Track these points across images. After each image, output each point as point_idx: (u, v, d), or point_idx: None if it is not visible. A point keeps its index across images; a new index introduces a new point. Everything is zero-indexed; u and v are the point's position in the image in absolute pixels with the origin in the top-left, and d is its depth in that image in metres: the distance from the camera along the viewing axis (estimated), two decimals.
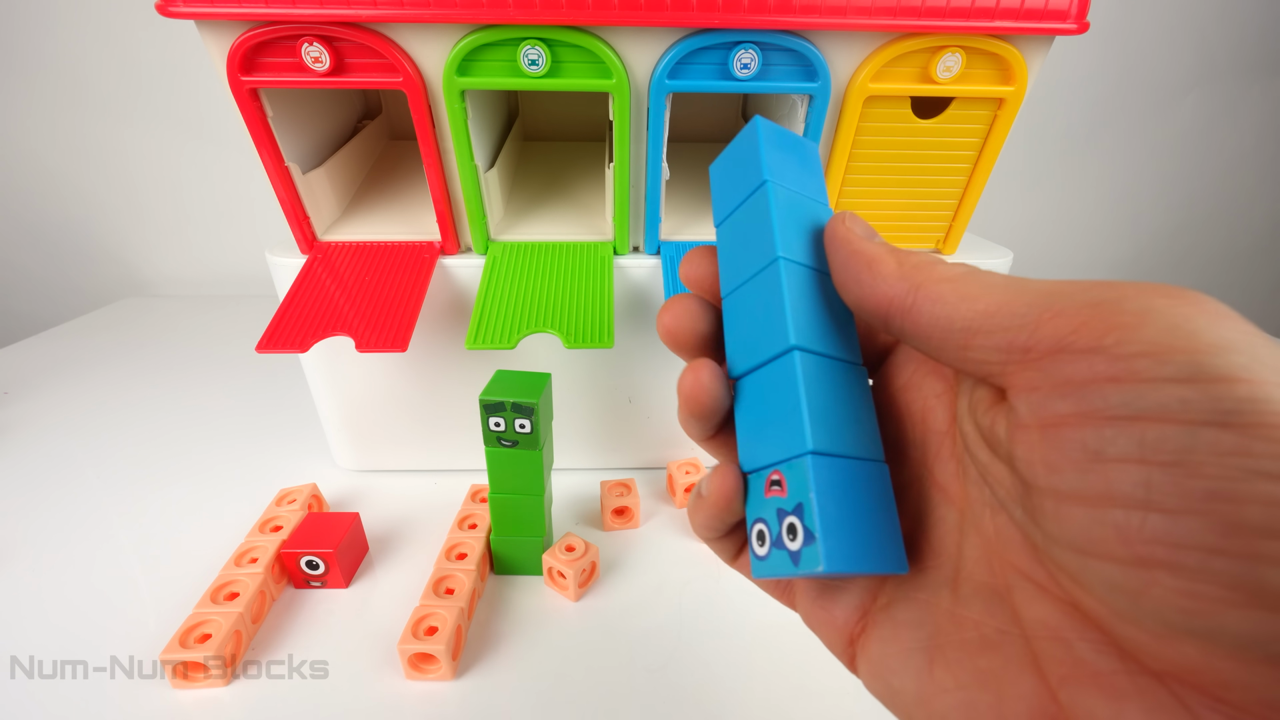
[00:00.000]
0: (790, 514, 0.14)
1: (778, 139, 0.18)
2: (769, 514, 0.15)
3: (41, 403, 0.49)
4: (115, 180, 0.68)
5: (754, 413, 0.16)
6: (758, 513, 0.16)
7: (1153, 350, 0.11)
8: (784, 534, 0.15)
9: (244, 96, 0.29)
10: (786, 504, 0.15)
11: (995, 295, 0.13)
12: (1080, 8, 0.28)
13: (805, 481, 0.14)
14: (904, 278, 0.15)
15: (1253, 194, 0.76)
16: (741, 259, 0.17)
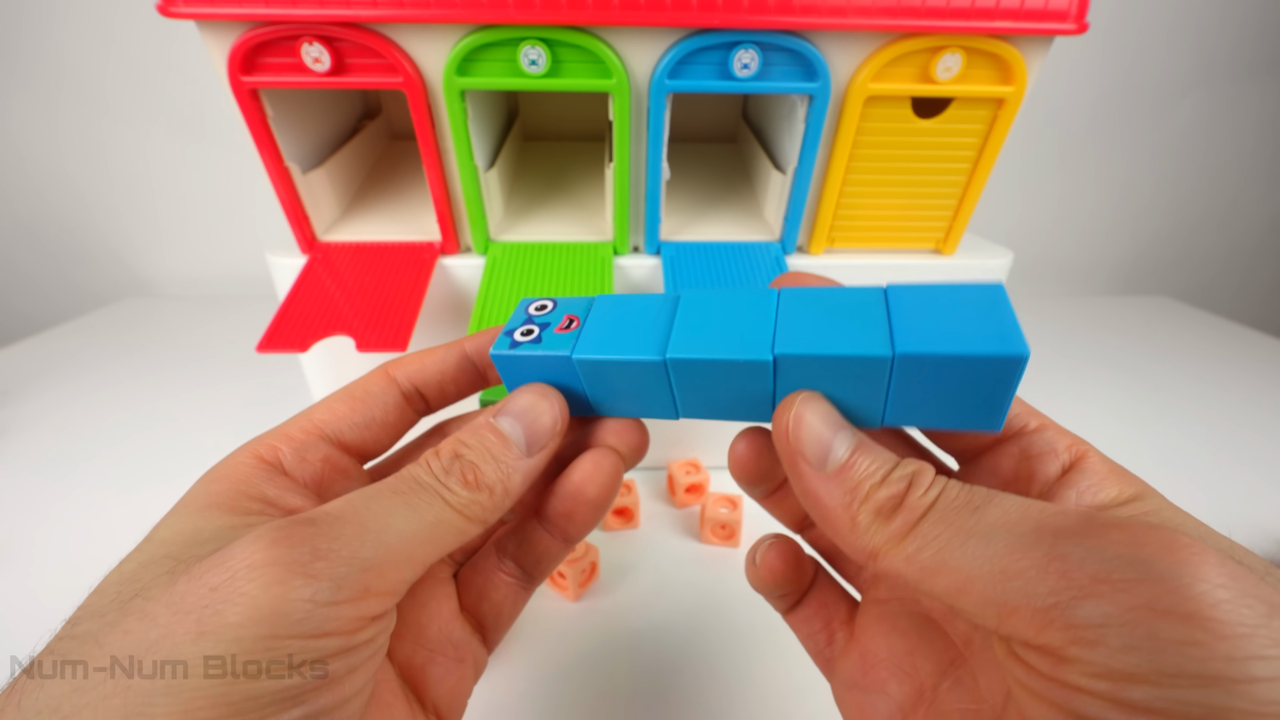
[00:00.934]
0: None
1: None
2: None
3: (41, 403, 0.49)
4: (115, 180, 0.69)
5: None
6: None
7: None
8: None
9: (244, 96, 0.29)
10: None
11: (969, 568, 0.12)
12: (1080, 8, 0.28)
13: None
14: (860, 544, 0.13)
15: (1253, 194, 0.76)
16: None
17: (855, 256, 0.36)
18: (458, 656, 0.18)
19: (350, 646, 0.13)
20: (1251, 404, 0.52)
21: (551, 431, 0.17)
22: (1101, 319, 0.69)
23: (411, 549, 0.14)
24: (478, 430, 0.16)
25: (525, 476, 0.16)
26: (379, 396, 0.18)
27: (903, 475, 0.13)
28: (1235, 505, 0.40)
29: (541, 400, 0.17)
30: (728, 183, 0.44)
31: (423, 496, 0.15)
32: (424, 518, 0.14)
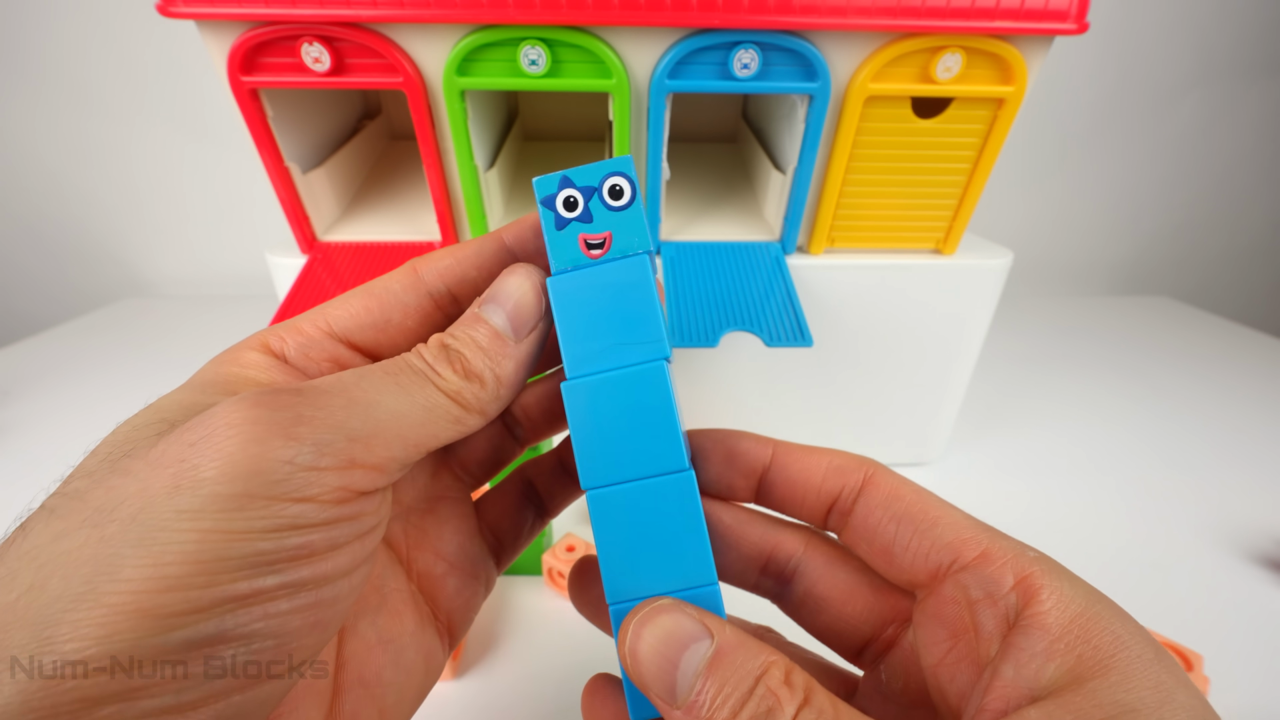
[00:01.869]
0: None
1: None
2: None
3: (41, 403, 0.49)
4: (115, 180, 0.68)
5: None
6: None
7: None
8: None
9: (244, 96, 0.29)
10: None
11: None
12: (1080, 8, 0.28)
13: None
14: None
15: (1253, 194, 0.76)
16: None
17: (855, 256, 0.36)
18: (473, 573, 0.18)
19: (332, 519, 0.12)
20: (1251, 404, 0.52)
21: (537, 313, 0.16)
22: (1101, 319, 0.69)
23: (403, 428, 0.13)
24: (464, 321, 0.16)
25: (517, 363, 0.16)
26: (399, 295, 0.17)
27: (758, 709, 0.12)
28: (1235, 505, 0.40)
29: (525, 281, 0.16)
30: (728, 183, 0.44)
31: (415, 379, 0.14)
32: (416, 400, 0.14)
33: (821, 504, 0.17)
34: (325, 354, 0.16)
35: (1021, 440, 0.47)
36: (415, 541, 0.18)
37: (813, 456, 0.17)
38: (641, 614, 0.14)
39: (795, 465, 0.17)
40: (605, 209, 0.16)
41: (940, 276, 0.36)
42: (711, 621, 0.13)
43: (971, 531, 0.14)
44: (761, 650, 0.13)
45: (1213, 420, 0.50)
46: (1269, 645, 0.31)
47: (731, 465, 0.17)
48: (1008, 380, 0.54)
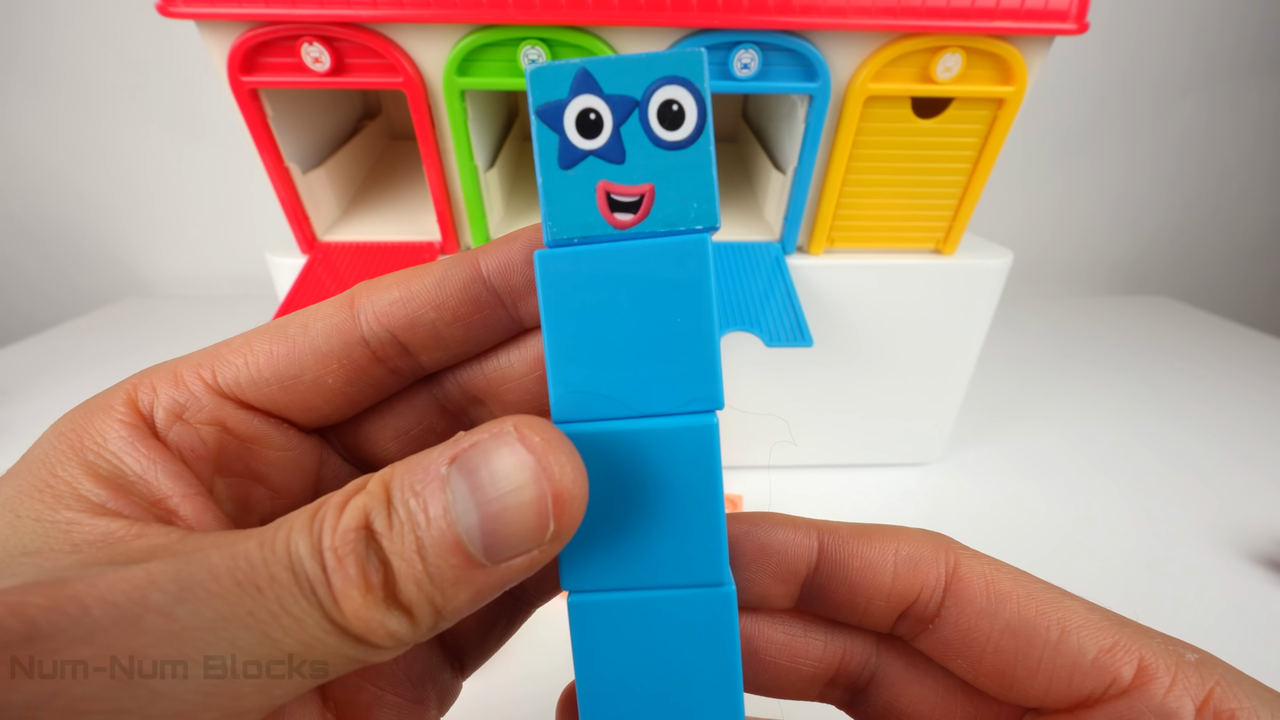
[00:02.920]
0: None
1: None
2: None
3: (41, 403, 0.49)
4: (115, 180, 0.68)
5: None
6: None
7: None
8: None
9: (244, 96, 0.29)
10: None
11: None
12: (1080, 8, 0.28)
13: None
14: None
15: (1253, 194, 0.76)
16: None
17: (855, 256, 0.36)
18: (416, 696, 0.13)
19: None
20: (1251, 404, 0.52)
21: (533, 538, 0.09)
22: (1101, 319, 0.69)
23: (236, 703, 0.08)
24: (416, 483, 0.09)
25: (478, 593, 0.09)
26: (317, 342, 0.11)
27: None
28: (1235, 505, 0.40)
29: (528, 473, 0.09)
30: (728, 183, 0.44)
31: (289, 605, 0.08)
32: (281, 645, 0.08)
33: (891, 610, 0.12)
34: (207, 416, 0.11)
35: (1022, 440, 0.47)
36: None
37: (874, 546, 0.12)
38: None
39: (853, 562, 0.12)
40: (649, 142, 0.09)
41: (940, 276, 0.36)
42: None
43: (1113, 637, 0.11)
44: None
45: (1213, 420, 0.50)
46: (1269, 645, 0.31)
47: (764, 567, 0.12)
48: (1008, 380, 0.54)
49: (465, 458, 0.09)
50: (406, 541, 0.09)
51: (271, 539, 0.09)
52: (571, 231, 0.10)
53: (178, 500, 0.11)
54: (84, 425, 0.11)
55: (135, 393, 0.12)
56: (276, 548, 0.09)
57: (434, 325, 0.12)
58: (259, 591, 0.08)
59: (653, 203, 0.09)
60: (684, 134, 0.09)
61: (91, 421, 0.11)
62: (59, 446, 0.11)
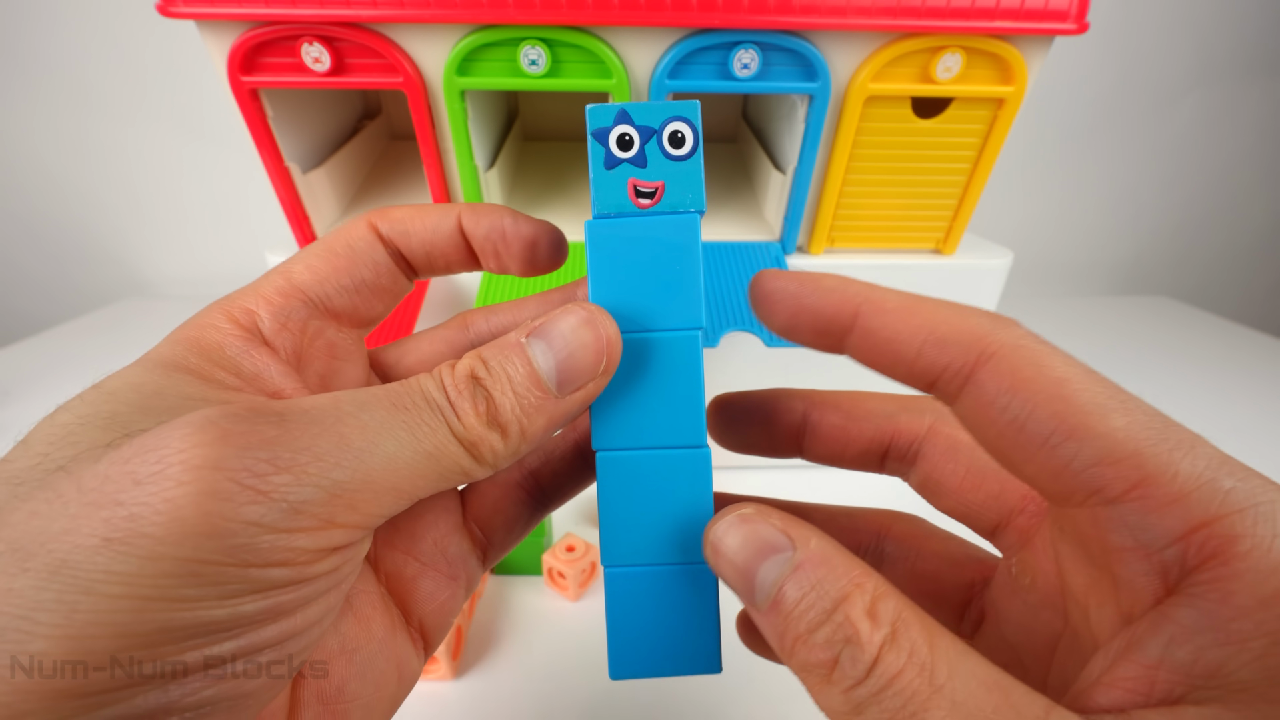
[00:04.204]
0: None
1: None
2: None
3: (41, 403, 0.49)
4: (115, 180, 0.69)
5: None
6: None
7: None
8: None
9: (244, 96, 0.29)
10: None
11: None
12: (1080, 8, 0.28)
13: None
14: (814, 697, 0.11)
15: (1253, 194, 0.76)
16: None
17: (855, 256, 0.36)
18: (451, 574, 0.16)
19: (303, 578, 0.10)
20: (1251, 404, 0.52)
21: (592, 371, 0.13)
22: (1101, 319, 0.69)
23: (399, 479, 0.11)
24: (504, 349, 0.13)
25: (550, 420, 0.13)
26: (366, 254, 0.15)
27: (829, 641, 0.10)
28: None
29: (586, 328, 0.13)
30: (728, 183, 0.44)
31: (427, 418, 0.12)
32: (422, 444, 0.12)
33: (922, 373, 0.13)
34: (299, 323, 0.14)
35: None
36: (385, 540, 0.16)
37: (905, 320, 0.12)
38: (726, 520, 0.12)
39: (883, 333, 0.13)
40: (662, 156, 0.14)
41: (940, 276, 0.36)
42: (796, 531, 0.11)
43: (1132, 446, 0.10)
44: (850, 570, 0.11)
45: (1212, 420, 0.50)
46: None
47: (801, 325, 0.14)
48: None
49: (539, 329, 0.13)
50: (502, 381, 0.13)
51: (408, 382, 0.12)
52: (610, 209, 0.15)
53: (291, 393, 0.14)
54: (197, 338, 0.13)
55: (233, 311, 0.14)
56: (412, 386, 0.12)
57: (427, 256, 0.16)
58: (406, 410, 0.12)
59: (663, 193, 0.14)
60: (685, 151, 0.14)
61: (203, 335, 0.13)
62: (180, 350, 0.13)
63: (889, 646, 0.10)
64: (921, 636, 0.10)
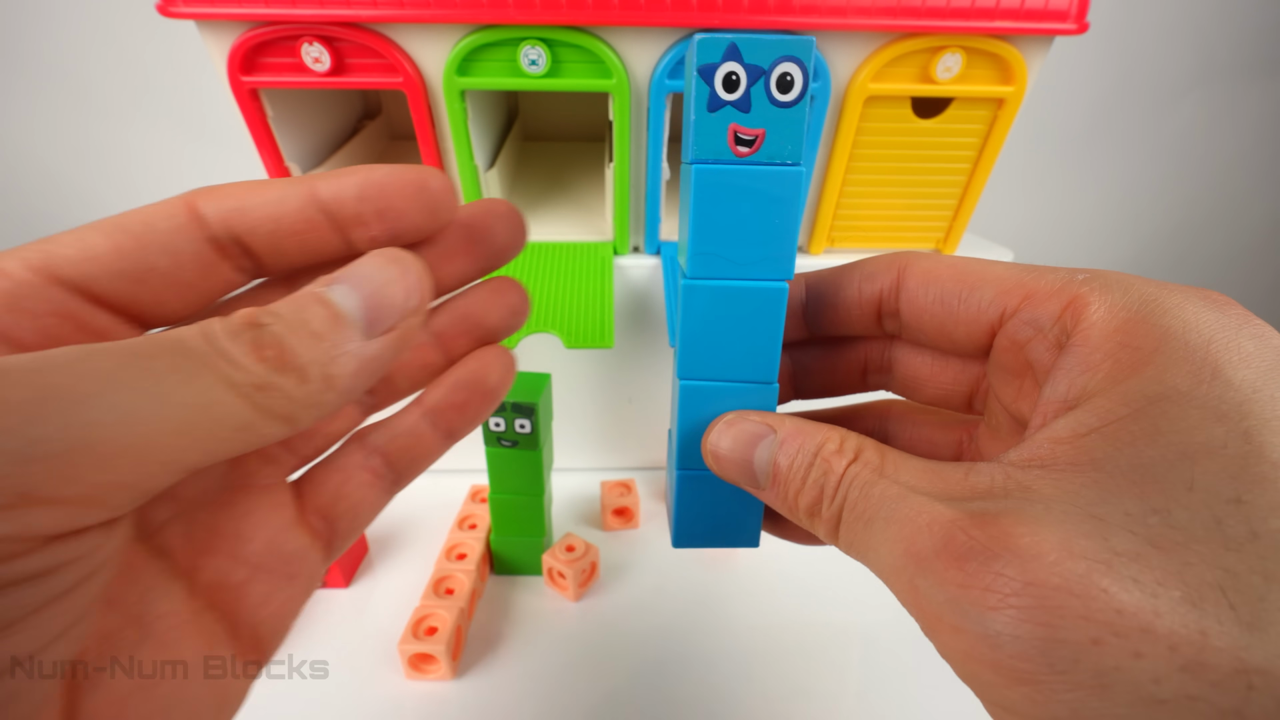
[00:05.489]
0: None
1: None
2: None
3: None
4: (115, 180, 0.69)
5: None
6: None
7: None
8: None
9: (244, 97, 0.29)
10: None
11: (875, 568, 0.13)
12: (1080, 8, 0.28)
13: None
14: (814, 534, 0.15)
15: (1253, 194, 0.76)
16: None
17: (855, 256, 0.36)
18: (288, 573, 0.14)
19: (9, 579, 0.08)
20: None
21: (404, 308, 0.12)
22: None
23: (145, 440, 0.09)
24: (296, 300, 0.11)
25: (362, 365, 0.11)
26: (166, 237, 0.12)
27: (816, 480, 0.14)
28: None
29: (393, 265, 0.12)
30: None
31: (182, 363, 0.09)
32: (178, 394, 0.09)
33: (868, 314, 0.17)
34: (49, 307, 0.11)
35: None
36: (202, 545, 0.13)
37: (842, 276, 0.17)
38: (717, 428, 0.15)
39: (829, 290, 0.17)
40: (767, 100, 0.14)
41: None
42: (773, 419, 0.15)
43: (1015, 279, 0.14)
44: (818, 430, 0.14)
45: None
46: None
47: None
48: None
49: (337, 275, 0.12)
50: (295, 324, 0.11)
51: (155, 333, 0.11)
52: (707, 155, 0.14)
53: None
54: None
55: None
56: (164, 335, 0.10)
57: (273, 236, 0.13)
58: (155, 355, 0.09)
59: (762, 142, 0.14)
60: (791, 97, 0.14)
61: None
62: None
63: (853, 463, 0.13)
64: (875, 452, 0.13)
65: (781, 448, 0.14)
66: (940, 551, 0.11)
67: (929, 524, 0.11)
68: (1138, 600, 0.09)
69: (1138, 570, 0.09)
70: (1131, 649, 0.09)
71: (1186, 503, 0.09)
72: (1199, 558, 0.09)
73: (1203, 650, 0.08)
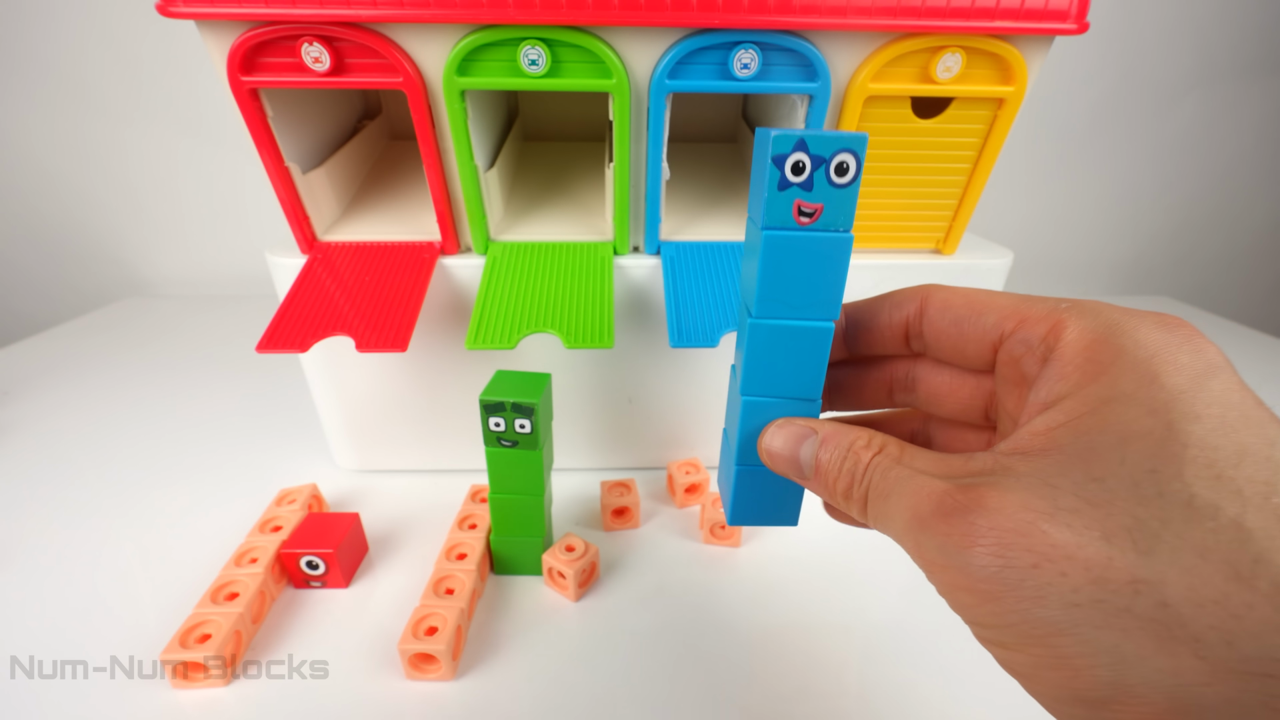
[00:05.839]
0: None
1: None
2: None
3: (41, 403, 0.49)
4: (115, 180, 0.69)
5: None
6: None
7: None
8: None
9: (244, 96, 0.29)
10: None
11: (893, 536, 0.16)
12: (1080, 8, 0.28)
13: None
14: (851, 515, 0.18)
15: (1253, 194, 0.76)
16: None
17: (855, 256, 0.36)
18: None
19: None
20: None
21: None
22: None
23: None
24: None
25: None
26: None
27: (849, 469, 0.17)
28: None
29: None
30: (728, 183, 0.44)
31: None
32: None
33: (898, 335, 0.20)
34: None
35: None
36: None
37: (876, 305, 0.20)
38: (770, 430, 0.19)
39: (864, 318, 0.21)
40: (826, 182, 0.17)
41: (940, 276, 0.36)
42: (815, 423, 0.19)
43: (1012, 306, 0.17)
44: (851, 431, 0.18)
45: None
46: None
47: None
48: None
49: None
50: None
51: None
52: (776, 223, 0.17)
53: None
54: None
55: None
56: None
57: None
58: None
59: (821, 214, 0.17)
60: (847, 180, 0.17)
61: None
62: None
63: (877, 455, 0.17)
64: (896, 446, 0.17)
65: (823, 445, 0.18)
66: (934, 512, 0.14)
67: (929, 494, 0.15)
68: (1067, 538, 0.13)
69: (1071, 519, 0.13)
70: (1059, 570, 0.12)
71: (1117, 473, 0.13)
72: (1118, 510, 0.13)
73: (1107, 569, 0.12)
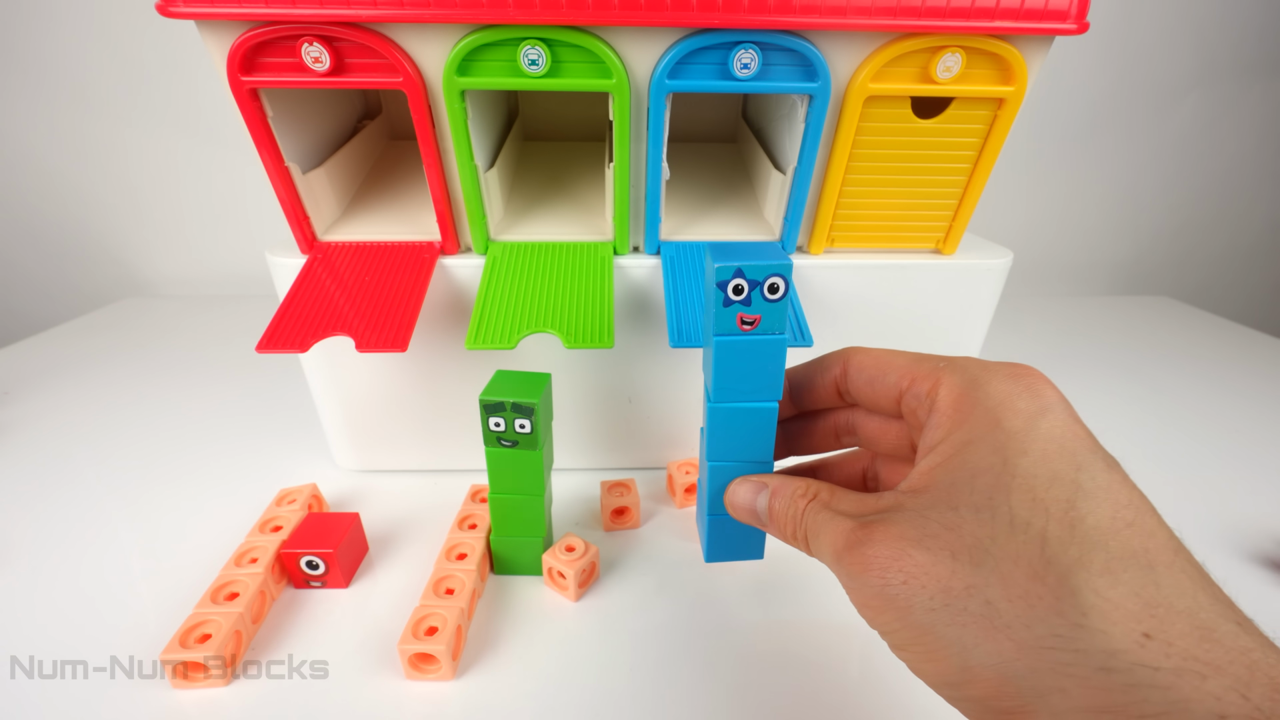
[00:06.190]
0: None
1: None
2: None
3: (41, 403, 0.49)
4: (115, 180, 0.69)
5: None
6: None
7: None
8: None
9: (244, 96, 0.29)
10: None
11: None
12: (1080, 8, 0.28)
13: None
14: (803, 549, 0.22)
15: (1253, 194, 0.76)
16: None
17: (855, 256, 0.36)
18: None
19: None
20: (1251, 404, 0.52)
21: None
22: (1101, 319, 0.69)
23: None
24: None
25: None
26: None
27: (792, 515, 0.21)
28: (1235, 505, 0.40)
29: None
30: (728, 183, 0.44)
31: None
32: None
33: (831, 392, 0.24)
34: None
35: None
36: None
37: (812, 370, 0.25)
38: (732, 487, 0.24)
39: (801, 382, 0.25)
40: (762, 299, 0.21)
41: (940, 276, 0.36)
42: (767, 478, 0.23)
43: (907, 366, 0.21)
44: (793, 483, 0.22)
45: (1213, 420, 0.50)
46: None
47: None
48: None
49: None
50: None
51: None
52: (725, 331, 0.22)
53: None
54: None
55: None
56: None
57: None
58: None
59: (760, 322, 0.22)
60: (778, 296, 0.21)
61: None
62: None
63: (811, 501, 0.21)
64: (828, 493, 0.21)
65: (773, 496, 0.22)
66: (845, 546, 0.18)
67: (841, 532, 0.18)
68: (926, 558, 0.16)
69: (931, 543, 0.16)
70: (920, 584, 0.16)
71: (968, 502, 0.17)
72: (965, 533, 0.16)
73: (951, 579, 0.16)
